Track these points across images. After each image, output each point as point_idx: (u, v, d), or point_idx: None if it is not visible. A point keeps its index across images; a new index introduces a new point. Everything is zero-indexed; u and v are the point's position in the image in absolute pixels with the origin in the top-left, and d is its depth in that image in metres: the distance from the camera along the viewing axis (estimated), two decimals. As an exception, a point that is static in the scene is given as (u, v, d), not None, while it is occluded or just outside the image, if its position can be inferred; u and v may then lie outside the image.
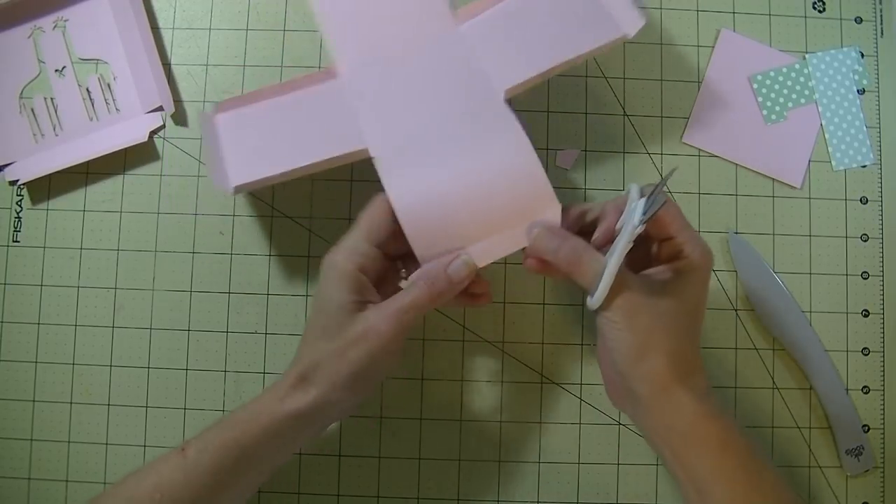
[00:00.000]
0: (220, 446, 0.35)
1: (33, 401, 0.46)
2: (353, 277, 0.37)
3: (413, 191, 0.39)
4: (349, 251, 0.38)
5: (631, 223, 0.35)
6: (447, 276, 0.38)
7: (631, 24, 0.40)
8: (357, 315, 0.36)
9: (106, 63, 0.48)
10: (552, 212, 0.39)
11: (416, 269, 0.39)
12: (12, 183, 0.47)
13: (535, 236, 0.38)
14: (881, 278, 0.47)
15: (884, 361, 0.47)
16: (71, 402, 0.46)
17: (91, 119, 0.48)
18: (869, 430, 0.46)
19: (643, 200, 0.35)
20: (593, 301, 0.35)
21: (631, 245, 0.35)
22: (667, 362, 0.35)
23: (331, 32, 0.42)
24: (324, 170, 0.40)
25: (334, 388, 0.36)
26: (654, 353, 0.35)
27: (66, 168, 0.46)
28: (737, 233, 0.47)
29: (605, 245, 0.38)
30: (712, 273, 0.46)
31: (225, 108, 0.42)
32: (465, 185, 0.39)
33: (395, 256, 0.41)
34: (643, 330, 0.35)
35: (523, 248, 0.39)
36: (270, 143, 0.41)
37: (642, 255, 0.39)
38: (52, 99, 0.48)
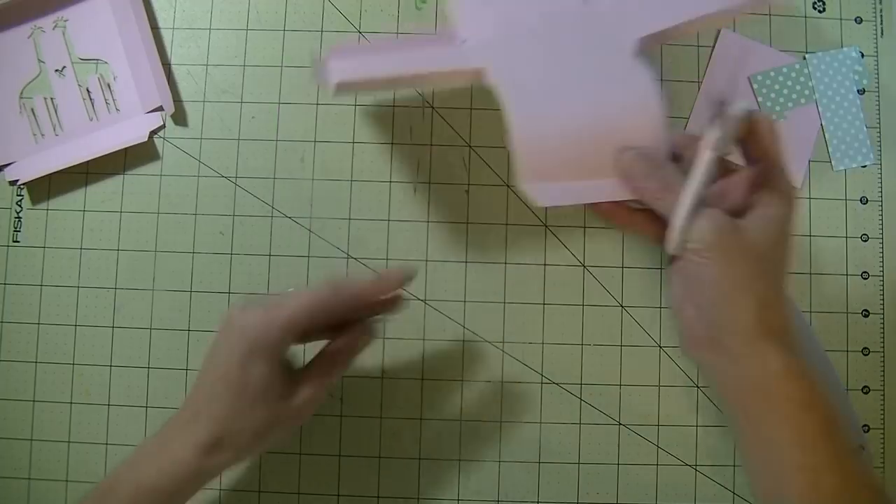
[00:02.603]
0: (134, 493, 0.35)
1: (33, 401, 0.46)
2: (284, 356, 0.36)
3: (530, 121, 0.37)
4: (288, 326, 0.35)
5: (713, 132, 0.33)
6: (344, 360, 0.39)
7: None
8: (283, 398, 0.36)
9: (106, 63, 0.48)
10: (654, 139, 0.37)
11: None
12: (12, 183, 0.47)
13: (627, 158, 0.35)
14: (881, 278, 0.47)
15: (884, 361, 0.47)
16: (71, 402, 0.46)
17: (91, 119, 0.48)
18: (869, 429, 0.46)
19: (735, 111, 0.33)
20: (673, 233, 0.33)
21: (713, 161, 0.33)
22: (758, 310, 0.32)
23: (453, 5, 0.42)
24: (429, 88, 0.40)
25: (249, 453, 0.37)
26: (744, 298, 0.32)
27: (66, 168, 0.46)
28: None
29: None
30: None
31: (337, 55, 0.40)
32: (583, 125, 0.37)
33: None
34: (732, 270, 0.32)
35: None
36: (376, 62, 0.40)
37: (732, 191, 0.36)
38: (52, 99, 0.48)
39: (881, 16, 0.49)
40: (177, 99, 0.48)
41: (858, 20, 0.49)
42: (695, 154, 0.34)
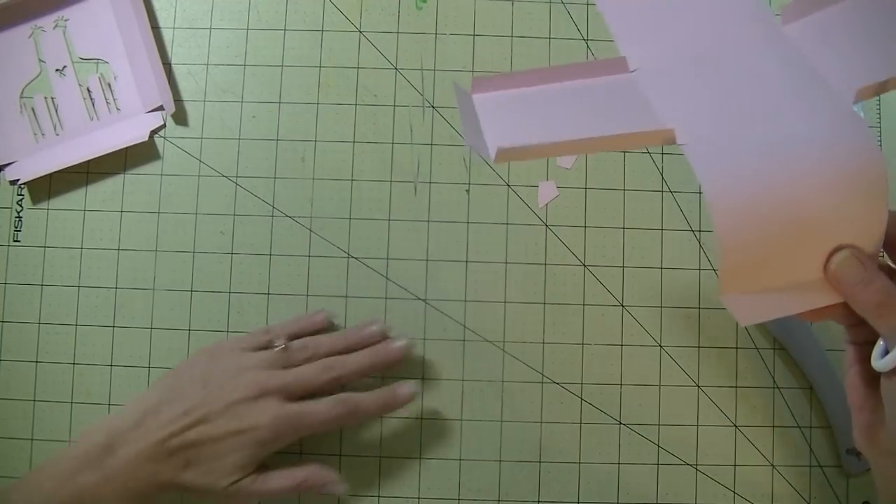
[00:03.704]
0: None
1: (33, 400, 0.46)
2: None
3: (733, 204, 0.30)
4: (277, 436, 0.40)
5: None
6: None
7: None
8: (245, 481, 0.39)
9: (106, 62, 0.48)
10: (873, 235, 0.30)
11: None
12: (13, 182, 0.47)
13: (838, 263, 0.30)
14: (882, 278, 0.47)
15: (884, 361, 0.47)
16: (71, 402, 0.46)
17: (91, 118, 0.48)
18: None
19: None
20: (890, 357, 0.28)
21: None
22: None
23: (619, 26, 0.35)
24: (599, 150, 0.33)
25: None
26: None
27: (67, 167, 0.46)
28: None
29: None
30: (712, 273, 0.47)
31: (481, 87, 0.34)
32: (791, 208, 0.30)
33: None
34: None
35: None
36: (541, 118, 0.33)
37: None
38: (52, 98, 0.48)
39: (881, 15, 0.49)
40: (177, 98, 0.48)
41: (859, 20, 0.49)
42: None
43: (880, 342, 0.30)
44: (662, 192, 0.47)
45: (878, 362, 0.29)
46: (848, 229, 0.30)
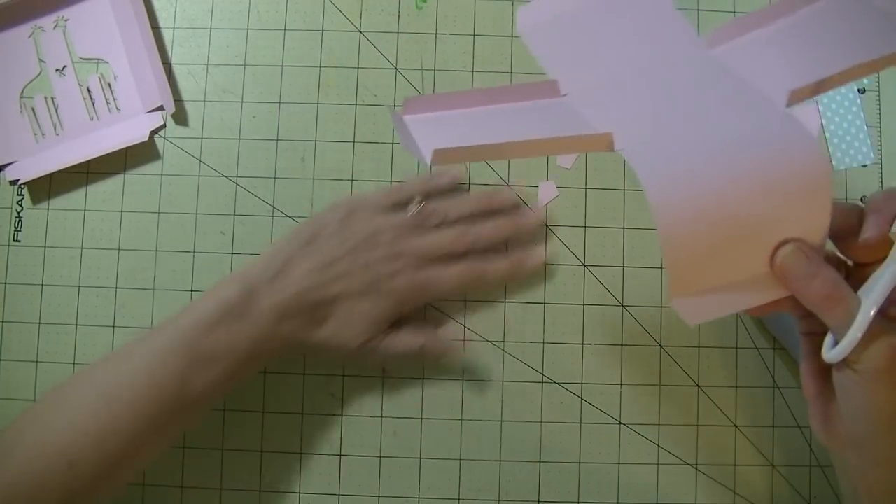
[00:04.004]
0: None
1: (34, 400, 0.46)
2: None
3: (674, 206, 0.31)
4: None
5: None
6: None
7: None
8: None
9: (106, 62, 0.48)
10: (817, 229, 0.31)
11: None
12: (13, 182, 0.47)
13: (785, 256, 0.30)
14: (882, 278, 0.47)
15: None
16: (71, 402, 0.46)
17: (92, 118, 0.48)
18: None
19: None
20: (838, 349, 0.29)
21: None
22: None
23: (548, 58, 0.36)
24: (538, 153, 0.33)
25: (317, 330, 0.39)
26: None
27: (67, 167, 0.46)
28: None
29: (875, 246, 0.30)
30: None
31: (412, 109, 0.34)
32: (732, 207, 0.31)
33: None
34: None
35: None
36: (476, 128, 0.33)
37: None
38: (52, 98, 0.48)
39: (882, 15, 0.49)
40: (177, 98, 0.48)
41: (859, 20, 0.49)
42: (886, 258, 0.30)
43: (830, 334, 0.31)
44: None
45: (828, 354, 0.29)
46: (792, 225, 0.31)
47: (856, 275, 0.32)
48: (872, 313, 0.28)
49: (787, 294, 0.31)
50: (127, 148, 0.47)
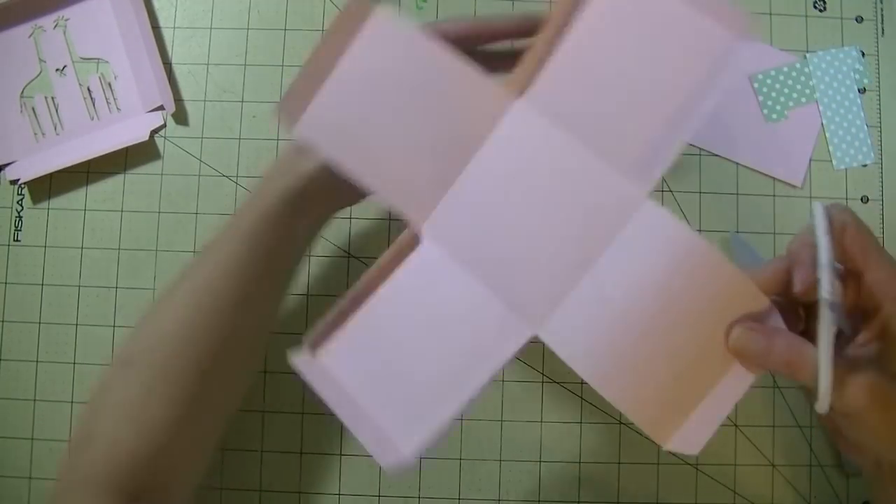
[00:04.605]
0: (258, 217, 0.36)
1: (34, 400, 0.46)
2: None
3: (611, 372, 0.31)
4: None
5: (823, 287, 0.28)
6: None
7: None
8: None
9: (107, 62, 0.48)
10: (748, 295, 0.30)
11: None
12: (13, 182, 0.47)
13: (735, 340, 0.30)
14: (882, 278, 0.47)
15: (885, 361, 0.47)
16: (71, 402, 0.46)
17: (92, 118, 0.48)
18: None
19: (824, 236, 0.29)
20: (818, 405, 0.29)
21: (834, 316, 0.28)
22: None
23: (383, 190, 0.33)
24: None
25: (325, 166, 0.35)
26: None
27: (67, 167, 0.46)
28: (738, 232, 0.47)
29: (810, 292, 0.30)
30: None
31: (318, 342, 0.34)
32: (658, 320, 0.31)
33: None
34: (887, 422, 0.29)
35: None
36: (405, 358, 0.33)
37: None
38: (52, 98, 0.48)
39: (882, 15, 0.49)
40: (177, 98, 0.48)
41: (859, 19, 0.49)
42: (819, 316, 0.29)
43: None
44: (662, 191, 0.47)
45: (816, 407, 0.29)
46: (724, 309, 0.30)
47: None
48: (828, 368, 0.28)
49: (761, 372, 0.31)
50: (127, 148, 0.47)
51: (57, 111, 0.48)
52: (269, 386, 0.46)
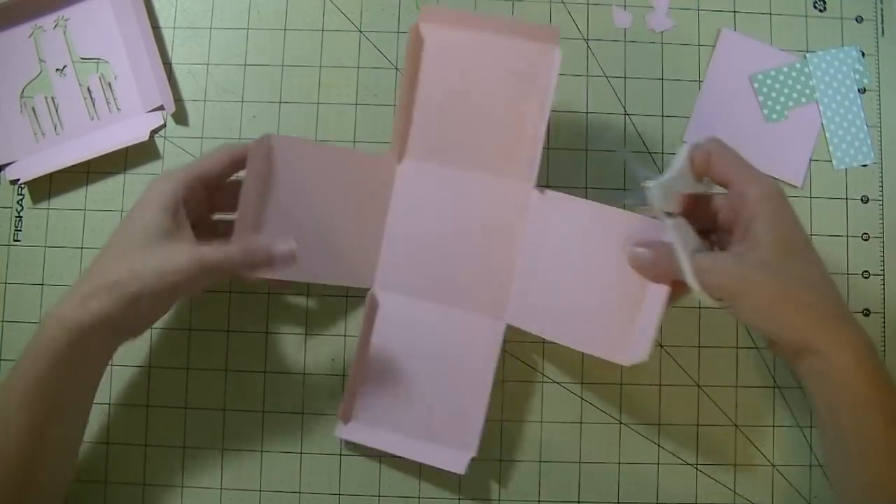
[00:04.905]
0: (22, 389, 0.35)
1: (34, 400, 0.46)
2: (175, 206, 0.38)
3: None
4: (179, 181, 0.38)
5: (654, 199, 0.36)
6: (267, 253, 0.38)
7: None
8: (167, 244, 0.37)
9: (107, 62, 0.48)
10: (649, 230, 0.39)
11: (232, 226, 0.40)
12: (13, 182, 0.47)
13: (631, 259, 0.39)
14: (882, 277, 0.47)
15: (885, 361, 0.47)
16: (71, 402, 0.46)
17: (92, 118, 0.48)
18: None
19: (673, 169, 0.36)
20: (696, 296, 0.36)
21: (679, 216, 0.36)
22: (801, 323, 0.34)
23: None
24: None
25: (116, 306, 0.36)
26: (776, 321, 0.34)
27: (67, 167, 0.46)
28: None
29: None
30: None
31: (347, 412, 0.44)
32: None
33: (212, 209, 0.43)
34: (753, 306, 0.34)
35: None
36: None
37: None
38: (52, 98, 0.48)
39: (882, 15, 0.49)
40: (177, 98, 0.48)
41: (859, 19, 0.49)
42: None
43: None
44: (663, 191, 0.47)
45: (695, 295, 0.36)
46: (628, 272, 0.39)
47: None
48: (688, 267, 0.35)
49: (668, 280, 0.38)
50: (127, 148, 0.47)
51: (57, 111, 0.48)
52: (269, 386, 0.46)
